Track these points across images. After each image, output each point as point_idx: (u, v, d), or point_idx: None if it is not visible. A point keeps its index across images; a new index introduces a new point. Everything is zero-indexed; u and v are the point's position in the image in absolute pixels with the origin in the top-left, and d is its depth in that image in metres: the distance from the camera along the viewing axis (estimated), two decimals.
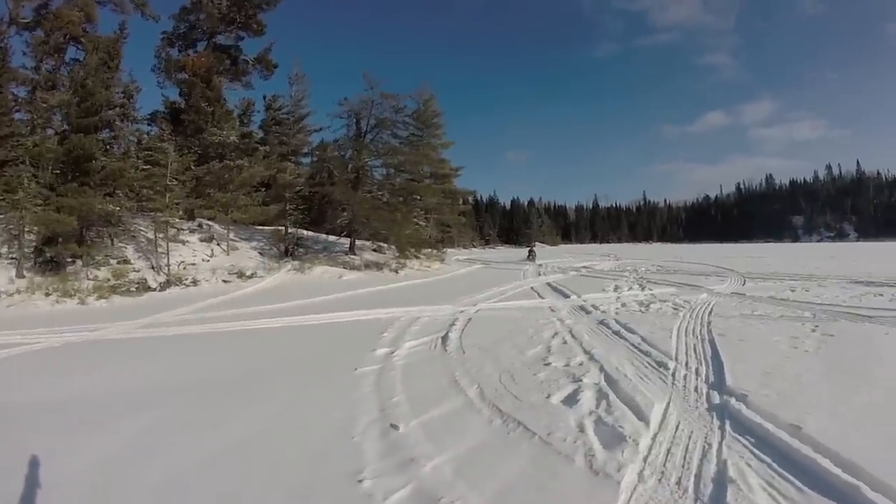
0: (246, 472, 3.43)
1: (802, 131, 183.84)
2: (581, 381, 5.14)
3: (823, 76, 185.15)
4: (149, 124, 23.72)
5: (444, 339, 7.61)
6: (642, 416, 4.12)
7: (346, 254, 24.44)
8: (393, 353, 6.78)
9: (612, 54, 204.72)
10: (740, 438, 3.75)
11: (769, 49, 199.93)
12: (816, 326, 7.92)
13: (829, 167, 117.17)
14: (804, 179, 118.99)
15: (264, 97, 29.80)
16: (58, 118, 18.73)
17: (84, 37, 20.26)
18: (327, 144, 27.98)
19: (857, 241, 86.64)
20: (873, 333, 7.44)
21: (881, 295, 11.53)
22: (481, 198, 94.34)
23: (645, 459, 3.42)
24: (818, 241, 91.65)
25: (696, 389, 4.89)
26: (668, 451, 3.55)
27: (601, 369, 5.57)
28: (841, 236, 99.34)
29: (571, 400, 4.60)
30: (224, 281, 17.13)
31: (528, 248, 38.97)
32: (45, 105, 18.44)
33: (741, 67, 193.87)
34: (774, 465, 3.36)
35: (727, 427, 3.96)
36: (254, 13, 25.32)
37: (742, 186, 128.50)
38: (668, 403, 4.48)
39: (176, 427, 4.28)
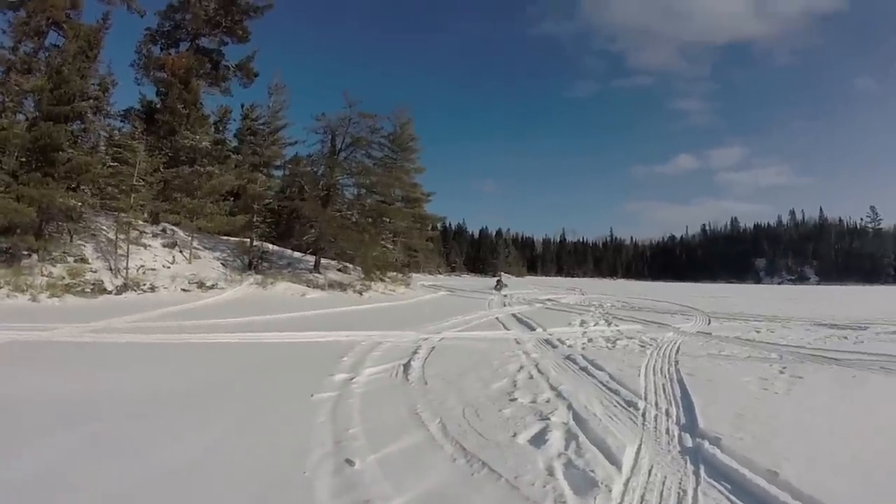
0: None
1: (769, 177, 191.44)
2: (549, 419, 4.95)
3: (793, 125, 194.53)
4: (122, 121, 23.35)
5: (406, 367, 7.37)
6: (614, 460, 3.94)
7: (311, 272, 24.20)
8: (352, 379, 6.50)
9: (591, 93, 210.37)
10: (716, 484, 3.61)
11: (741, 97, 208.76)
12: (784, 368, 7.94)
13: (792, 212, 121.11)
14: (768, 223, 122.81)
15: (242, 106, 29.38)
16: (30, 104, 18.21)
17: (66, 22, 19.88)
18: (300, 159, 27.77)
19: (818, 284, 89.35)
20: (842, 376, 7.49)
21: (845, 338, 11.73)
22: (450, 225, 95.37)
23: None
24: (779, 284, 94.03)
25: (667, 431, 4.74)
26: (643, 497, 3.37)
27: (569, 407, 5.38)
28: (802, 279, 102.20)
29: (539, 440, 4.39)
30: (183, 290, 16.83)
31: (497, 279, 38.45)
32: (17, 88, 17.87)
33: (713, 113, 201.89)
34: None
35: (702, 472, 3.81)
36: (240, 19, 25.34)
37: (707, 228, 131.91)
38: (640, 446, 4.31)
39: (110, 448, 3.96)
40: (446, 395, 5.89)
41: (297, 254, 26.46)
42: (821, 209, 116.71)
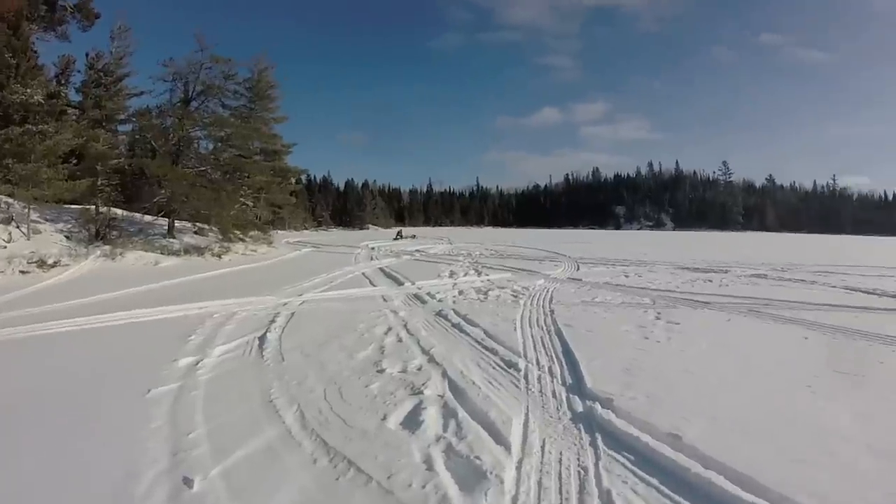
0: None
1: (629, 132, 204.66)
2: (422, 392, 4.43)
3: (653, 85, 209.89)
4: None
5: (262, 340, 6.55)
6: (501, 439, 3.49)
7: (165, 237, 22.12)
8: (199, 363, 5.58)
9: (456, 45, 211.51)
10: (617, 457, 3.29)
11: (607, 56, 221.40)
12: (659, 314, 8.10)
13: (650, 164, 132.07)
14: (628, 174, 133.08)
15: (87, 55, 25.63)
16: None
17: None
18: (147, 111, 24.85)
19: (674, 230, 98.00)
20: (716, 320, 7.78)
21: (710, 281, 12.42)
22: (315, 178, 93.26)
23: (515, 502, 2.77)
24: (638, 229, 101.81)
25: (554, 395, 4.41)
26: (540, 484, 2.94)
27: (444, 375, 4.92)
28: (659, 226, 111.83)
29: (413, 421, 3.85)
30: (22, 272, 14.52)
31: (398, 230, 42.88)
32: None
33: (579, 70, 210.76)
34: (665, 489, 2.94)
35: (599, 443, 3.48)
36: None
37: (570, 178, 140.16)
38: (527, 416, 3.92)
39: None
40: (306, 372, 5.19)
41: (147, 218, 24.12)
42: (677, 162, 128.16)
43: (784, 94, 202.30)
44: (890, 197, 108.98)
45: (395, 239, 37.39)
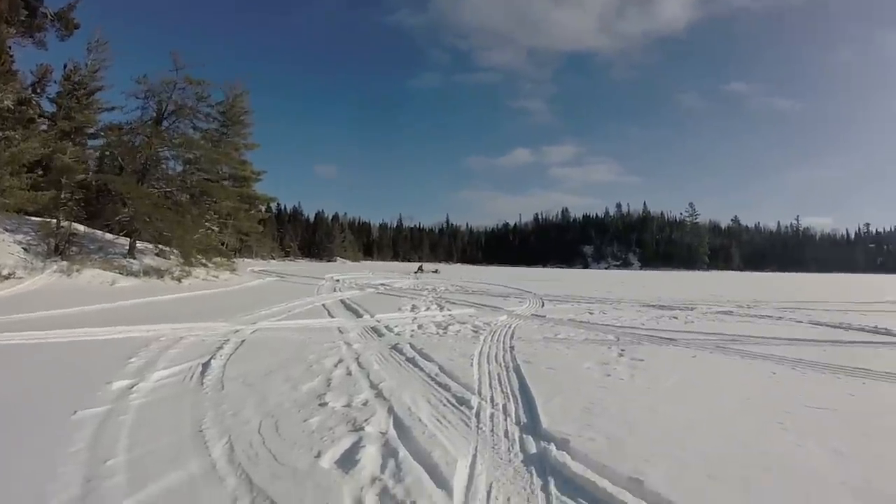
0: None
1: (599, 174, 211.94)
2: (363, 429, 4.09)
3: (623, 130, 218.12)
4: None
5: (205, 367, 6.20)
6: (442, 482, 3.16)
7: (125, 257, 21.73)
8: (134, 386, 5.25)
9: (436, 85, 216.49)
10: (571, 503, 2.99)
11: (580, 101, 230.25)
12: (623, 350, 7.87)
13: (619, 205, 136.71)
14: (596, 214, 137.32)
15: (64, 66, 25.24)
16: None
17: None
18: (118, 126, 24.44)
19: (640, 269, 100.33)
20: (681, 357, 7.58)
21: (675, 318, 12.36)
22: (284, 208, 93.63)
23: None
24: (606, 269, 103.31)
25: (506, 435, 4.10)
26: None
27: (390, 411, 4.58)
28: (626, 265, 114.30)
29: (349, 460, 3.50)
30: None
31: (418, 266, 44.93)
32: None
33: (552, 113, 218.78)
34: None
35: (552, 488, 3.18)
36: None
37: (540, 217, 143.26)
38: (475, 457, 3.61)
39: None
40: (244, 402, 4.83)
41: (109, 236, 23.80)
42: (644, 203, 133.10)
43: (751, 139, 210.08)
44: (852, 236, 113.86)
45: (416, 273, 38.97)
